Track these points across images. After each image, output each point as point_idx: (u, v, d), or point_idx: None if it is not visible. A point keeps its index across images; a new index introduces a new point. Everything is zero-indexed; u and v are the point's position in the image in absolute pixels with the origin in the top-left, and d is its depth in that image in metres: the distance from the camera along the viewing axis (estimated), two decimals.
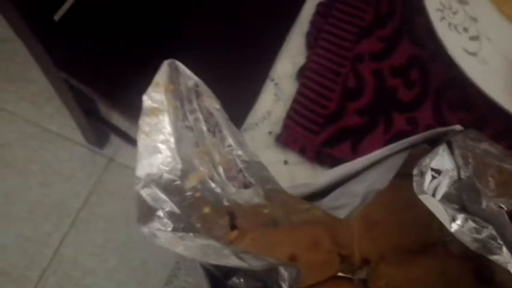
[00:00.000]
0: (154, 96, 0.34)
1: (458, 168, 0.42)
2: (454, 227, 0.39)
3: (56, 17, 0.92)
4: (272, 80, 0.60)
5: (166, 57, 0.85)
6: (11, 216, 1.30)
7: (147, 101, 0.34)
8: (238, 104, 0.59)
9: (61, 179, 1.34)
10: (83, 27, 0.94)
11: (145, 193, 0.34)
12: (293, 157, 0.57)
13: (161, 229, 0.35)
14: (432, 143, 0.45)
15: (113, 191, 1.34)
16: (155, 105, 0.34)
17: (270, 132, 0.58)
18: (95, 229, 1.31)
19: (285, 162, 0.57)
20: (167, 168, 0.35)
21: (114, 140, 1.37)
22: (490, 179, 0.40)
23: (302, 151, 0.57)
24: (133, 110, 0.89)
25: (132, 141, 1.21)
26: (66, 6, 0.92)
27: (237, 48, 0.78)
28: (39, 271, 1.27)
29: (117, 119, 1.23)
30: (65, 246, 1.30)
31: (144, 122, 0.34)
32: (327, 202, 0.48)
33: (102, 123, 1.23)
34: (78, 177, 1.35)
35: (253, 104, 0.59)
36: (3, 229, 1.29)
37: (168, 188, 0.35)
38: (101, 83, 0.92)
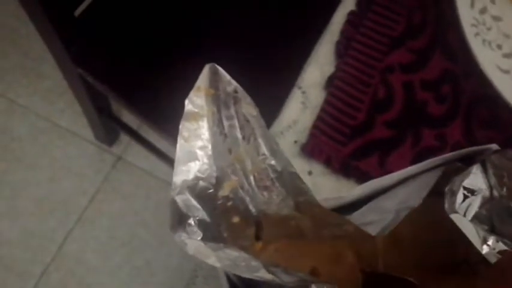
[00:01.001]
0: (195, 101, 0.33)
1: (491, 187, 0.41)
2: (485, 248, 0.38)
3: (77, 13, 0.91)
4: (300, 88, 0.59)
5: (187, 61, 0.84)
6: (18, 211, 1.29)
7: (188, 105, 0.33)
8: (264, 111, 0.57)
9: (69, 175, 1.33)
10: (103, 24, 0.93)
11: (179, 199, 0.33)
12: (318, 168, 0.56)
13: (191, 238, 0.34)
14: (466, 162, 0.44)
15: (119, 189, 1.33)
16: (196, 110, 0.33)
17: (295, 142, 0.57)
18: (100, 227, 1.30)
19: (309, 173, 0.56)
20: (203, 176, 0.34)
21: (124, 138, 1.36)
22: None
23: (327, 162, 0.56)
24: (147, 110, 0.88)
25: (141, 140, 1.20)
26: (87, 2, 0.92)
27: (265, 54, 0.77)
28: (42, 267, 1.26)
29: (128, 117, 1.22)
30: (69, 242, 1.28)
31: (184, 126, 0.33)
32: (356, 217, 0.47)
33: (113, 121, 1.22)
34: (86, 174, 1.33)
35: (279, 112, 0.58)
36: (9, 223, 1.28)
37: (202, 196, 0.34)
38: (117, 82, 0.91)
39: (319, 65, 0.60)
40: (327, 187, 0.56)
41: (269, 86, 0.65)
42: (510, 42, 0.59)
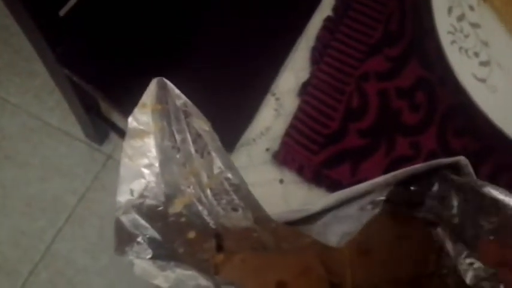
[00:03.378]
0: (140, 118, 0.32)
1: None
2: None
3: (62, 13, 0.90)
4: (273, 94, 0.58)
5: (169, 62, 0.83)
6: (7, 209, 1.29)
7: (132, 123, 0.32)
8: (236, 118, 0.57)
9: (59, 174, 1.33)
10: (88, 24, 0.92)
11: (125, 219, 0.32)
12: (290, 176, 0.55)
13: (140, 256, 0.33)
14: (435, 171, 0.44)
15: (109, 188, 1.33)
16: (141, 127, 0.32)
17: (267, 149, 0.56)
18: (90, 226, 1.30)
19: (281, 181, 0.55)
20: (150, 194, 0.33)
21: (113, 137, 1.36)
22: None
23: (299, 170, 0.55)
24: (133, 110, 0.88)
25: None
26: (72, 1, 0.91)
27: (240, 59, 0.76)
28: (31, 266, 1.26)
29: (117, 117, 1.22)
30: (58, 242, 1.28)
31: (128, 145, 0.32)
32: (319, 226, 0.46)
33: (102, 120, 1.22)
34: (76, 173, 1.33)
35: (252, 119, 0.57)
36: None
37: (150, 214, 0.34)
38: (103, 82, 0.91)
39: (294, 71, 0.59)
40: (299, 195, 0.55)
41: (243, 92, 0.64)
42: (488, 50, 0.58)
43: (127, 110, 0.89)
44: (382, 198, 0.43)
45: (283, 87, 0.59)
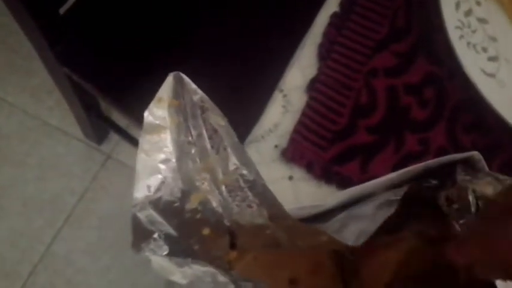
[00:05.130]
0: (156, 113, 0.32)
1: None
2: None
3: (62, 11, 0.90)
4: (281, 91, 0.58)
5: (171, 60, 0.83)
6: (5, 210, 1.28)
7: (148, 117, 0.32)
8: (244, 115, 0.56)
9: (58, 174, 1.32)
10: (88, 22, 0.92)
11: (142, 215, 0.32)
12: (299, 173, 0.55)
13: (156, 253, 0.33)
14: (447, 167, 0.43)
15: (108, 188, 1.32)
16: (157, 122, 0.32)
17: (276, 146, 0.56)
18: (89, 226, 1.29)
19: (290, 178, 0.55)
20: (167, 190, 0.33)
21: (113, 136, 1.35)
22: None
23: (308, 167, 0.55)
24: (134, 109, 0.87)
25: (130, 138, 1.19)
26: (72, 0, 0.90)
27: (247, 56, 0.76)
28: (30, 267, 1.24)
29: (117, 116, 1.21)
30: (57, 242, 1.27)
31: (145, 140, 0.31)
32: (334, 224, 0.46)
33: (101, 120, 1.21)
34: (74, 173, 1.32)
35: (260, 115, 0.57)
36: None
37: (167, 210, 0.33)
38: (103, 80, 0.90)
39: (301, 67, 0.59)
40: (308, 192, 0.55)
41: (250, 89, 0.64)
42: (495, 45, 0.58)
43: (127, 108, 0.89)
44: (397, 197, 0.43)
45: (290, 83, 0.58)
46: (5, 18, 1.39)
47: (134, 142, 1.17)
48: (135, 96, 0.87)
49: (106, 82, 0.90)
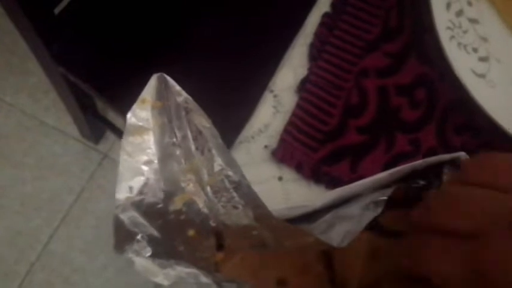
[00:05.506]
0: (139, 114, 0.32)
1: None
2: None
3: (57, 10, 0.90)
4: (271, 91, 0.58)
5: (166, 60, 0.83)
6: (3, 209, 1.28)
7: (131, 119, 0.32)
8: (234, 115, 0.57)
9: (55, 173, 1.32)
10: (84, 22, 0.92)
11: (124, 217, 0.32)
12: (288, 173, 0.55)
13: (140, 254, 0.33)
14: (434, 170, 0.43)
15: (105, 187, 1.32)
16: (140, 123, 0.32)
17: (265, 146, 0.56)
18: (86, 226, 1.29)
19: (280, 179, 0.55)
20: (149, 191, 0.33)
21: (110, 136, 1.35)
22: None
23: (298, 168, 0.55)
24: (130, 109, 0.87)
25: None
26: None
27: (238, 56, 0.76)
28: (27, 266, 1.25)
29: (113, 116, 1.21)
30: (54, 241, 1.27)
31: (127, 141, 0.32)
32: (321, 224, 0.46)
33: (98, 119, 1.21)
34: (72, 172, 1.32)
35: (250, 116, 0.57)
36: None
37: (150, 212, 0.33)
38: (99, 80, 0.90)
39: (292, 68, 0.59)
40: (298, 193, 0.55)
41: (241, 89, 0.63)
42: (486, 46, 0.58)
43: (123, 108, 0.89)
44: (384, 198, 0.43)
45: (281, 84, 0.58)
46: (1, 18, 1.39)
47: None
48: (131, 95, 0.86)
49: (102, 82, 0.90)
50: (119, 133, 1.21)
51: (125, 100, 0.88)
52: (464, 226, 0.29)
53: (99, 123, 1.23)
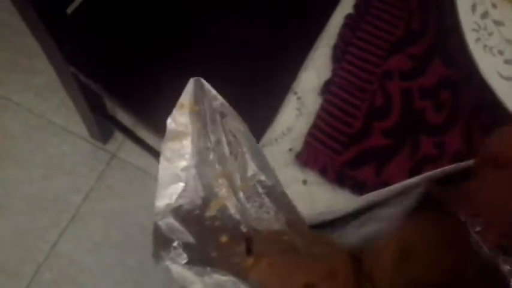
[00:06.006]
0: (178, 119, 0.31)
1: None
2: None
3: (69, 10, 0.89)
4: (295, 93, 0.57)
5: (179, 61, 0.82)
6: (10, 209, 1.27)
7: (171, 124, 0.31)
8: (258, 118, 0.56)
9: (63, 173, 1.31)
10: (96, 22, 0.91)
11: (163, 224, 0.31)
12: (313, 177, 0.54)
13: (176, 262, 0.32)
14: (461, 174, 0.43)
15: (113, 187, 1.31)
16: (180, 128, 0.31)
17: (290, 149, 0.55)
18: (94, 226, 1.28)
19: (304, 182, 0.54)
20: (187, 198, 0.32)
21: (118, 135, 1.34)
22: None
23: (323, 171, 0.54)
24: (140, 109, 0.87)
25: (136, 138, 1.18)
26: None
27: (261, 58, 0.75)
28: (35, 266, 1.24)
29: (122, 116, 1.20)
30: (62, 242, 1.26)
31: (167, 147, 0.31)
32: (353, 226, 0.45)
33: (107, 119, 1.20)
34: (79, 172, 1.32)
35: (274, 118, 0.56)
36: (1, 221, 1.26)
37: (187, 218, 0.33)
38: (110, 81, 0.89)
39: (316, 69, 0.58)
40: (322, 197, 0.54)
41: (264, 91, 0.63)
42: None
43: (133, 108, 0.88)
44: (414, 202, 0.42)
45: (305, 86, 0.58)
46: (8, 16, 1.38)
47: (139, 141, 1.17)
48: (141, 96, 0.86)
49: (113, 82, 0.89)
50: (128, 133, 1.20)
51: (134, 100, 0.87)
52: None
53: (108, 123, 1.22)
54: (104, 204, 1.30)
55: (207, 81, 0.37)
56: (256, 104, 0.59)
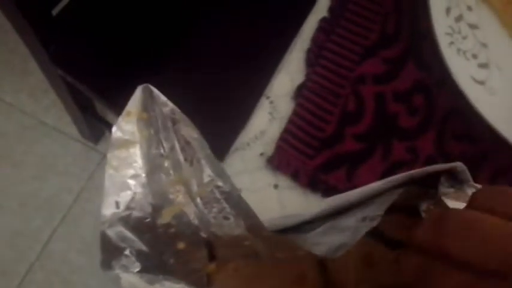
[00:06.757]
0: (124, 127, 0.31)
1: None
2: None
3: (54, 12, 0.89)
4: (268, 97, 0.57)
5: (163, 61, 0.82)
6: (2, 209, 1.28)
7: (116, 132, 0.31)
8: (230, 121, 0.56)
9: (54, 173, 1.32)
10: (82, 23, 0.91)
11: (111, 232, 0.31)
12: (284, 181, 0.54)
13: (128, 269, 0.32)
14: (432, 179, 0.43)
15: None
16: (126, 137, 0.31)
17: (261, 154, 0.55)
18: (85, 225, 1.29)
19: (275, 187, 0.54)
20: (137, 206, 0.32)
21: (109, 136, 1.34)
22: None
23: (294, 175, 0.54)
24: None
25: None
26: (65, 1, 0.90)
27: (234, 61, 0.75)
28: (27, 265, 1.25)
29: (112, 117, 1.21)
30: (54, 241, 1.27)
31: (113, 155, 0.31)
32: (314, 236, 0.45)
33: (97, 120, 1.20)
34: (71, 172, 1.32)
35: (246, 122, 0.56)
36: None
37: (138, 226, 0.33)
38: (97, 82, 0.90)
39: (289, 73, 0.58)
40: (294, 201, 0.54)
41: (236, 95, 0.63)
42: (486, 52, 0.57)
43: (122, 109, 0.89)
44: (381, 213, 0.42)
45: (278, 90, 0.58)
46: (1, 17, 1.38)
47: None
48: (129, 97, 0.86)
49: (100, 83, 0.90)
50: None
51: (122, 102, 0.87)
52: (486, 262, 0.26)
53: (98, 123, 1.23)
54: (95, 204, 1.31)
55: (182, 85, 0.37)
56: (229, 108, 0.59)
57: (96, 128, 1.29)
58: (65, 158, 1.33)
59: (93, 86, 0.91)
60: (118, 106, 0.90)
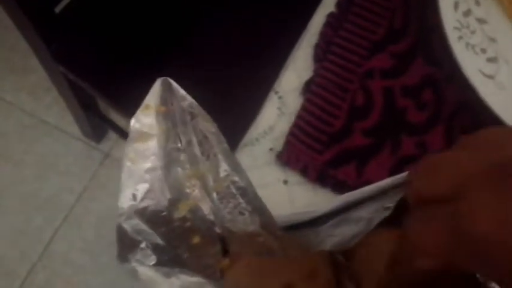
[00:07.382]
0: (143, 120, 0.31)
1: None
2: None
3: (57, 9, 0.89)
4: (276, 92, 0.57)
5: (167, 59, 0.81)
6: (4, 209, 1.27)
7: (135, 125, 0.31)
8: (239, 117, 0.56)
9: (56, 172, 1.31)
10: (85, 20, 0.91)
11: (127, 225, 0.31)
12: (294, 177, 0.54)
13: (144, 263, 0.32)
14: None
15: (107, 187, 1.31)
16: (144, 129, 0.31)
17: (270, 149, 0.55)
18: (87, 225, 1.28)
19: (285, 182, 0.54)
20: (153, 199, 0.32)
21: (112, 135, 1.34)
22: None
23: (304, 171, 0.54)
24: (132, 108, 0.86)
25: None
26: None
27: (242, 57, 0.75)
28: (29, 266, 1.24)
29: (115, 115, 1.20)
30: (56, 241, 1.27)
31: (131, 147, 0.31)
32: (327, 228, 0.45)
33: (99, 118, 1.20)
34: (73, 171, 1.32)
35: (255, 118, 0.56)
36: None
37: (154, 220, 0.32)
38: (100, 79, 0.90)
39: (297, 69, 0.58)
40: (303, 196, 0.54)
41: (245, 91, 0.63)
42: (495, 46, 0.57)
43: (124, 108, 0.88)
44: (392, 204, 0.42)
45: (286, 85, 0.57)
46: (2, 15, 1.38)
47: None
48: (132, 95, 0.85)
49: (102, 80, 0.89)
50: (121, 132, 1.20)
51: (125, 99, 0.87)
52: (443, 189, 0.26)
53: (101, 122, 1.22)
54: (97, 204, 1.30)
55: (189, 80, 0.37)
56: (238, 104, 0.59)
57: (98, 127, 1.29)
58: (67, 157, 1.33)
59: (95, 84, 0.91)
60: (120, 104, 0.90)
